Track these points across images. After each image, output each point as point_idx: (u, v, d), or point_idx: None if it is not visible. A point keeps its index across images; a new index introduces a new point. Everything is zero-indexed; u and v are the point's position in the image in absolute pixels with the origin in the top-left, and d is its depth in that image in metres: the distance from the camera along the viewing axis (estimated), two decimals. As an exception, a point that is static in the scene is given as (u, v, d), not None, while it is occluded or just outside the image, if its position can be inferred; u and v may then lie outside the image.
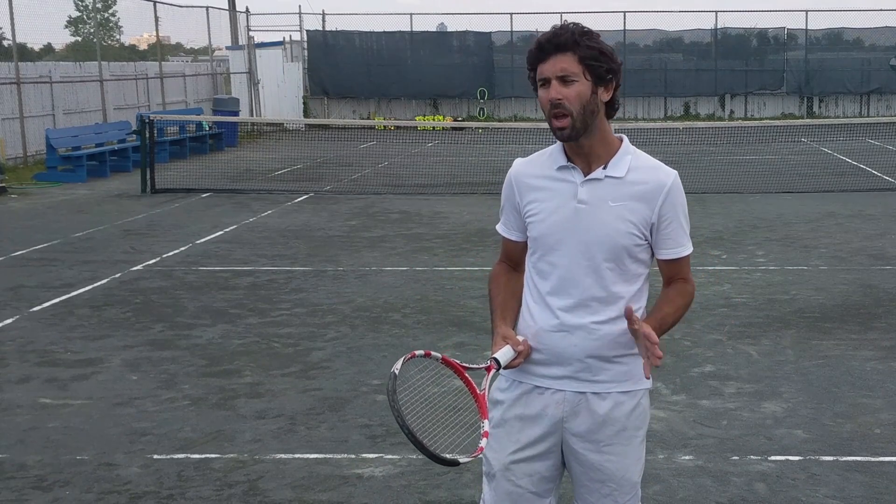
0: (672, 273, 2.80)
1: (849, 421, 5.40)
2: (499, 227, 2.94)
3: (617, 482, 2.77)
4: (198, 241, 11.14)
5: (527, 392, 2.80)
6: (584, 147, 2.70)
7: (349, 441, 5.20)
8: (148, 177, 15.60)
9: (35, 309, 8.12)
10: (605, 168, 2.70)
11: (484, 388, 2.66)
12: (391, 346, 6.92)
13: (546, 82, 2.64)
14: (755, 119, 29.11)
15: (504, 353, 2.67)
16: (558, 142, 2.75)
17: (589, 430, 2.75)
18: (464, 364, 2.72)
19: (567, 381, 2.75)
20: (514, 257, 2.91)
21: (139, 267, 9.77)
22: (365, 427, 5.39)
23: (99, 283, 9.03)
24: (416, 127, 26.99)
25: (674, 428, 5.33)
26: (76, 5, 40.12)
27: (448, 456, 2.51)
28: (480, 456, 2.57)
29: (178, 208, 13.88)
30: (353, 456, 4.99)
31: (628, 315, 2.58)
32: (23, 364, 6.64)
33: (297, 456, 5.02)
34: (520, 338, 2.73)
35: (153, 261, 10.07)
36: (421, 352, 2.66)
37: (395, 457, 4.98)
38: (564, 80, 2.62)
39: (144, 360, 6.71)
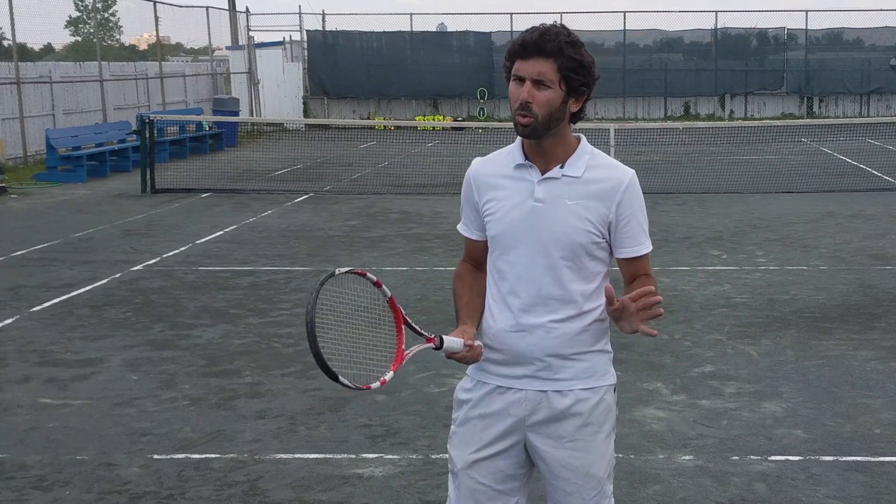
0: (633, 271, 2.82)
1: (849, 421, 5.40)
2: (459, 227, 2.96)
3: (582, 478, 2.77)
4: (198, 241, 11.14)
5: (489, 392, 2.82)
6: (542, 147, 2.72)
7: (349, 441, 5.20)
8: (148, 177, 15.60)
9: (35, 309, 8.12)
10: (562, 167, 2.73)
11: (411, 350, 2.67)
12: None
13: (520, 80, 2.65)
14: (755, 119, 29.11)
15: (452, 340, 2.68)
16: (518, 140, 2.79)
17: (551, 426, 2.77)
18: (408, 319, 2.71)
19: (528, 380, 2.78)
20: (476, 257, 2.93)
21: (139, 267, 9.77)
22: (365, 427, 5.39)
23: (99, 283, 9.03)
24: (416, 127, 26.98)
25: (674, 428, 5.33)
26: (76, 5, 40.18)
27: (333, 368, 2.49)
28: (361, 389, 2.57)
29: (178, 208, 13.88)
30: (353, 456, 4.99)
31: (608, 294, 2.61)
32: (23, 364, 6.64)
33: (297, 456, 5.02)
34: (477, 343, 2.73)
35: (153, 261, 10.07)
36: (374, 277, 2.67)
37: (395, 457, 4.98)
38: (540, 83, 2.63)
39: (144, 360, 6.71)
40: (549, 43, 2.60)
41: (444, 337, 2.66)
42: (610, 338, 2.90)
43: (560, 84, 2.64)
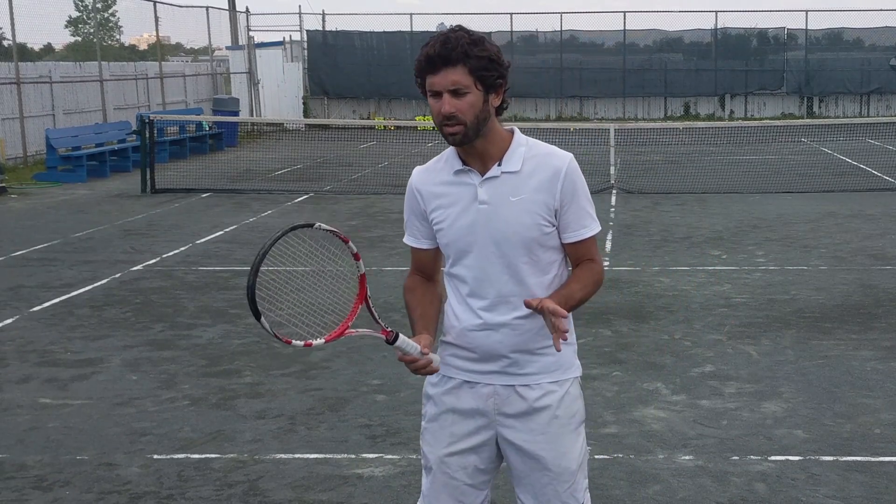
0: (578, 255, 2.79)
1: (849, 421, 5.39)
2: (406, 240, 2.97)
3: (554, 471, 2.79)
4: (198, 241, 11.14)
5: (457, 386, 2.85)
6: (476, 148, 2.73)
7: (349, 441, 5.20)
8: (148, 177, 15.60)
9: (35, 309, 8.12)
10: (499, 165, 2.73)
11: (357, 331, 2.74)
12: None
13: (437, 94, 2.65)
14: (755, 119, 29.11)
15: (408, 342, 2.72)
16: (450, 147, 2.79)
17: (521, 420, 2.80)
18: (370, 302, 2.74)
19: (496, 376, 2.81)
20: (426, 268, 2.96)
21: (139, 267, 9.77)
22: (365, 427, 5.39)
23: (99, 283, 9.03)
24: (416, 127, 26.99)
25: (674, 428, 5.33)
26: (76, 5, 40.17)
27: (259, 307, 2.68)
28: (279, 340, 2.69)
29: (178, 208, 13.88)
30: (353, 456, 4.99)
31: (526, 304, 2.62)
32: (23, 364, 6.64)
33: (297, 456, 5.02)
34: (433, 356, 2.73)
35: (153, 261, 10.07)
36: (355, 248, 2.72)
37: (395, 457, 4.98)
38: (457, 92, 2.63)
39: (144, 360, 6.71)
40: (454, 51, 2.60)
41: (401, 335, 2.69)
42: (575, 328, 2.93)
43: (476, 85, 2.64)
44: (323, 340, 2.69)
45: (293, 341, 2.64)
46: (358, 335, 2.71)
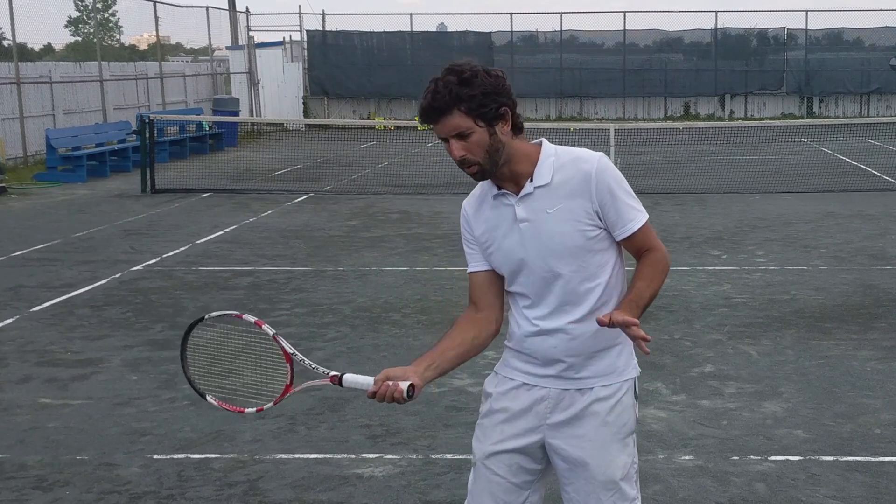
0: (637, 247, 2.80)
1: (849, 421, 5.40)
2: (468, 269, 2.95)
3: (598, 479, 2.79)
4: (198, 241, 11.14)
5: (515, 387, 2.87)
6: (505, 173, 2.74)
7: (349, 441, 5.20)
8: (148, 177, 15.60)
9: (35, 309, 8.12)
10: (531, 181, 2.74)
11: (303, 386, 2.81)
12: (391, 346, 6.92)
13: (445, 139, 2.67)
14: (755, 119, 29.11)
15: (355, 379, 2.75)
16: None
17: (571, 425, 2.80)
18: (297, 356, 2.82)
19: (551, 380, 2.82)
20: (478, 293, 2.91)
21: (139, 267, 9.77)
22: (365, 427, 5.39)
23: (99, 283, 9.03)
24: (416, 127, 26.97)
25: (674, 428, 5.33)
26: (76, 5, 40.16)
27: (199, 388, 2.80)
28: (232, 412, 2.78)
29: (178, 208, 13.88)
30: (353, 456, 4.99)
31: (599, 322, 2.62)
32: (23, 364, 6.64)
33: (297, 456, 5.02)
34: (400, 384, 2.70)
35: (153, 261, 10.07)
36: (252, 318, 2.78)
37: (395, 457, 4.98)
38: (461, 136, 2.64)
39: (144, 360, 6.71)
40: (442, 100, 2.61)
41: (345, 376, 2.75)
42: None
43: (477, 123, 2.64)
44: (271, 405, 2.89)
45: (245, 409, 2.83)
46: (309, 387, 2.83)
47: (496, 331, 2.91)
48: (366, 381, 2.75)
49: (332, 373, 2.79)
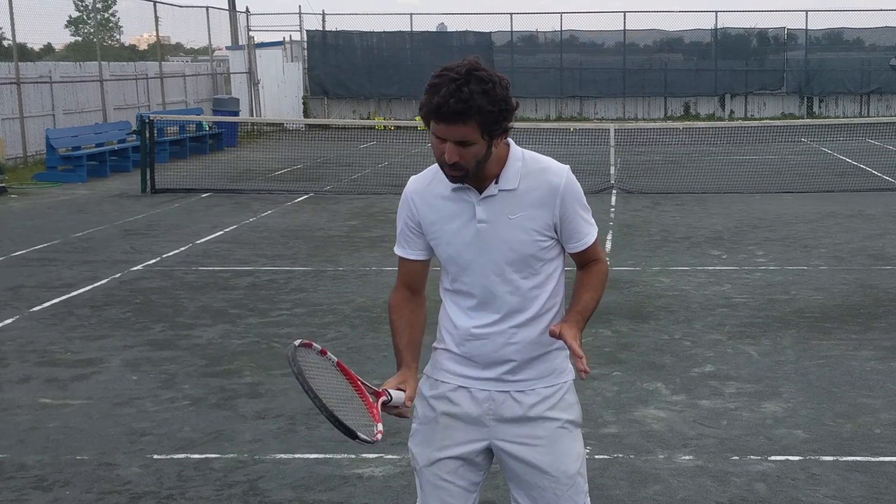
0: (585, 259, 2.83)
1: (849, 421, 5.40)
2: (396, 250, 2.91)
3: (553, 475, 2.78)
4: (198, 241, 11.14)
5: (452, 390, 2.83)
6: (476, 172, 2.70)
7: (349, 441, 5.18)
8: (148, 177, 15.60)
9: (35, 309, 8.12)
10: (496, 182, 2.71)
11: (377, 405, 2.73)
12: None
13: (441, 139, 2.59)
14: (755, 119, 29.11)
15: (398, 395, 2.74)
16: None
17: (517, 426, 2.79)
18: (363, 382, 2.74)
19: (491, 382, 2.80)
20: (412, 280, 2.90)
21: (139, 267, 9.77)
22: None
23: (99, 283, 9.03)
24: (416, 127, 26.97)
25: (674, 428, 5.33)
26: (76, 5, 40.21)
27: (362, 434, 2.62)
28: (369, 440, 2.66)
29: (178, 208, 13.88)
30: (353, 456, 4.99)
31: (552, 334, 2.65)
32: (23, 364, 6.64)
33: (297, 456, 5.02)
34: (410, 402, 2.73)
35: (153, 261, 10.07)
36: (319, 346, 2.71)
37: (395, 457, 4.97)
38: (463, 144, 2.58)
39: (144, 360, 6.71)
40: (464, 107, 2.51)
41: (391, 392, 2.73)
42: None
43: (483, 137, 2.59)
44: (381, 424, 2.73)
45: (378, 438, 2.70)
46: (385, 410, 2.75)
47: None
48: (401, 398, 2.77)
49: (381, 391, 2.75)
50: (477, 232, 2.72)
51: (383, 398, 2.70)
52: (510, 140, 2.75)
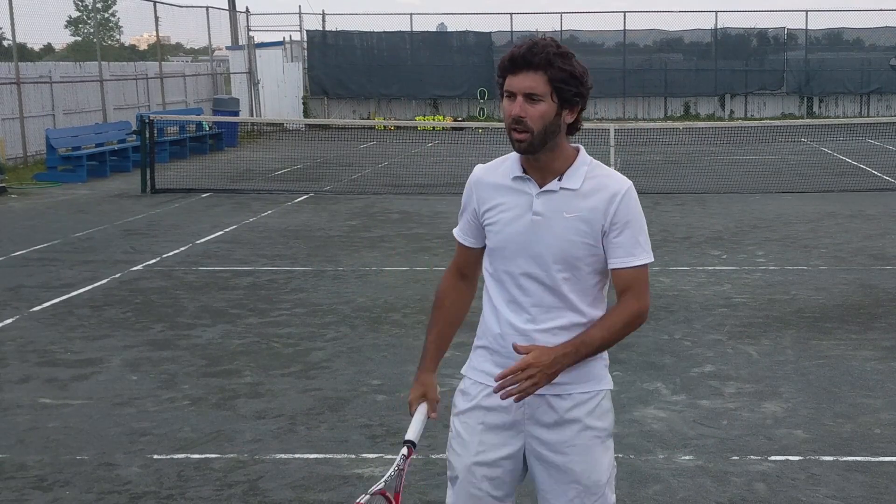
0: (623, 286, 2.73)
1: (849, 421, 5.40)
2: (455, 232, 2.95)
3: (583, 484, 2.76)
4: (198, 241, 11.14)
5: (489, 395, 2.80)
6: (540, 160, 2.72)
7: (349, 441, 5.19)
8: (148, 177, 15.60)
9: (35, 309, 8.12)
10: (559, 180, 2.72)
11: (401, 486, 2.86)
12: (391, 346, 6.92)
13: (512, 95, 2.64)
14: (755, 119, 29.10)
15: (417, 429, 2.87)
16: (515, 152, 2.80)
17: (551, 431, 2.76)
18: (387, 491, 2.85)
19: None
20: (465, 265, 2.94)
21: (139, 267, 9.77)
22: (365, 427, 5.39)
23: (99, 283, 9.03)
24: (416, 127, 26.98)
25: (674, 428, 5.33)
26: (76, 5, 40.20)
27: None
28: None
29: (178, 208, 13.88)
30: (353, 456, 4.99)
31: (515, 348, 2.63)
32: (23, 364, 6.64)
33: (297, 456, 5.02)
34: (434, 414, 2.81)
35: (153, 261, 10.07)
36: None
37: (395, 457, 4.96)
38: (531, 97, 2.62)
39: (144, 360, 6.71)
40: (537, 55, 2.59)
41: (411, 439, 2.89)
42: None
43: (552, 96, 2.63)
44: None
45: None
46: (402, 475, 2.93)
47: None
48: (422, 423, 2.91)
49: (406, 452, 2.87)
50: (530, 224, 2.72)
51: (412, 455, 2.92)
52: (581, 147, 2.79)
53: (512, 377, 2.56)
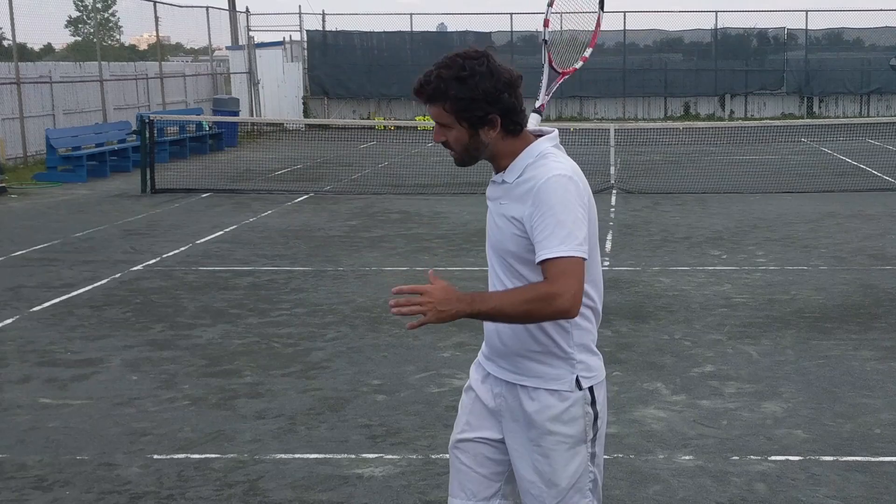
0: (545, 276, 2.60)
1: (849, 421, 5.40)
2: None
3: (544, 484, 2.79)
4: (198, 241, 11.14)
5: (480, 377, 2.92)
6: (491, 161, 2.78)
7: (349, 441, 5.19)
8: (148, 177, 15.60)
9: (35, 309, 8.12)
10: (503, 172, 2.76)
11: None
12: (391, 346, 6.92)
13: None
14: (755, 119, 29.10)
15: None
16: None
17: (520, 425, 2.81)
18: None
19: (503, 371, 2.85)
20: None
21: (139, 267, 9.77)
22: (365, 427, 5.39)
23: (99, 283, 9.03)
24: (416, 127, 26.98)
25: (674, 428, 5.33)
26: (76, 5, 40.19)
27: None
28: None
29: (178, 208, 13.88)
30: (353, 456, 4.99)
31: (429, 276, 2.60)
32: (23, 364, 6.64)
33: (297, 456, 5.02)
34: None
35: (153, 261, 10.07)
36: None
37: (395, 457, 4.97)
38: (442, 125, 2.68)
39: (144, 360, 6.71)
40: (426, 90, 2.62)
41: None
42: (592, 344, 2.84)
43: (459, 122, 2.64)
44: None
45: None
46: None
47: None
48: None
49: None
50: (489, 212, 2.83)
51: None
52: (543, 139, 2.74)
53: (406, 298, 2.54)
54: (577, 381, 2.76)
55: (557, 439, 2.76)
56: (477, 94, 2.59)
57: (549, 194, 2.59)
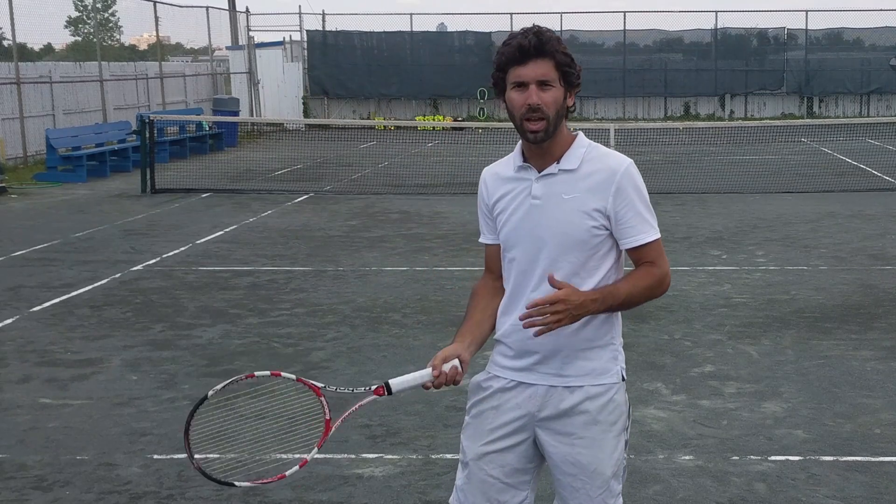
0: (639, 259, 2.79)
1: (849, 421, 5.40)
2: (480, 239, 3.00)
3: (588, 475, 2.78)
4: (198, 241, 11.14)
5: (503, 386, 2.85)
6: (542, 147, 2.75)
7: (349, 441, 5.19)
8: (148, 177, 15.60)
9: (35, 309, 8.12)
10: (558, 163, 2.75)
11: (348, 412, 2.83)
12: (391, 346, 6.92)
13: (522, 85, 2.68)
14: (755, 119, 29.11)
15: (405, 379, 2.77)
16: (518, 145, 2.84)
17: (560, 422, 2.78)
18: (335, 389, 2.81)
19: (538, 375, 2.80)
20: (494, 265, 2.95)
21: (139, 267, 9.77)
22: (365, 427, 5.39)
23: (99, 283, 9.03)
24: (416, 127, 26.99)
25: (674, 428, 5.33)
26: (76, 5, 40.18)
27: (221, 477, 2.69)
28: (266, 484, 2.76)
29: (178, 208, 13.88)
30: (353, 456, 4.99)
31: (550, 280, 2.60)
32: (23, 364, 6.64)
33: (297, 456, 5.01)
34: (453, 363, 2.74)
35: (153, 261, 10.07)
36: (266, 372, 2.78)
37: (395, 457, 4.97)
38: (544, 84, 2.67)
39: (144, 360, 6.71)
40: (547, 43, 2.66)
41: (390, 382, 2.77)
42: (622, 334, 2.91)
43: (560, 81, 2.70)
44: (315, 449, 2.91)
45: (287, 473, 2.94)
46: (352, 413, 2.85)
47: None
48: (418, 376, 2.75)
49: (375, 385, 2.77)
50: (530, 208, 2.75)
51: (376, 395, 2.79)
52: (580, 131, 2.84)
53: (540, 308, 2.57)
54: (621, 371, 2.83)
55: (602, 428, 2.77)
56: (572, 56, 2.73)
57: (631, 181, 2.72)
